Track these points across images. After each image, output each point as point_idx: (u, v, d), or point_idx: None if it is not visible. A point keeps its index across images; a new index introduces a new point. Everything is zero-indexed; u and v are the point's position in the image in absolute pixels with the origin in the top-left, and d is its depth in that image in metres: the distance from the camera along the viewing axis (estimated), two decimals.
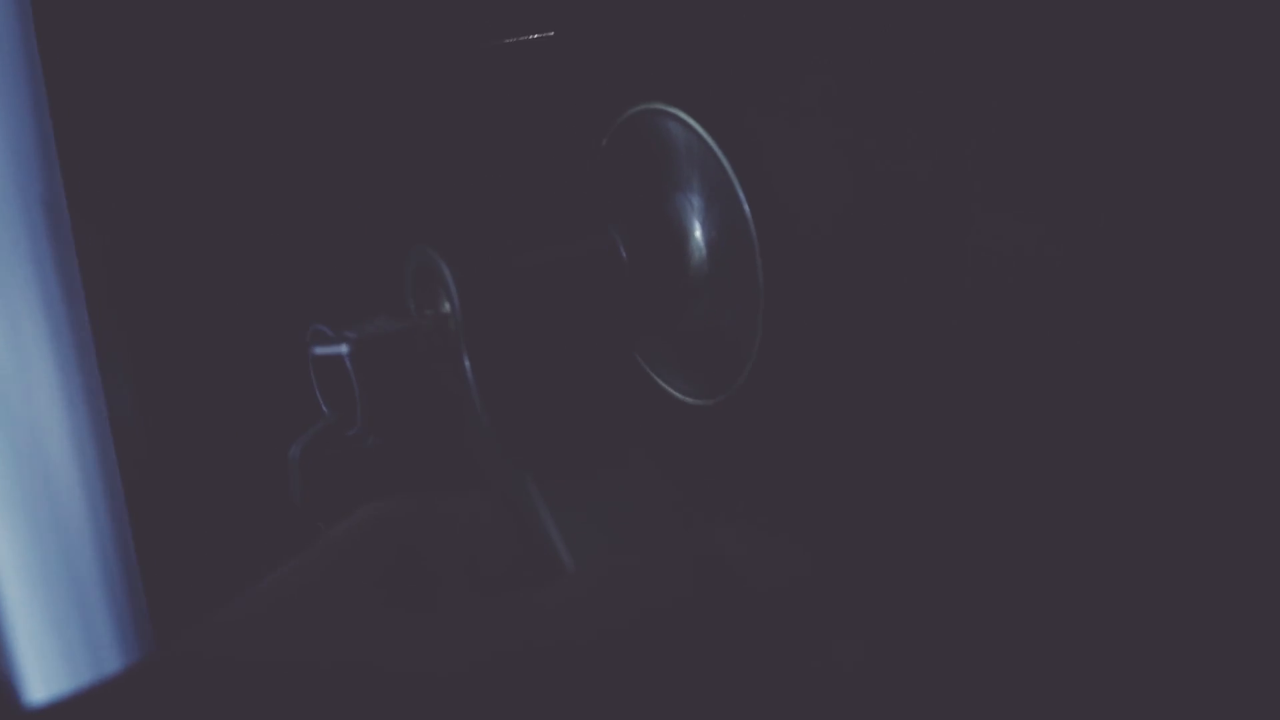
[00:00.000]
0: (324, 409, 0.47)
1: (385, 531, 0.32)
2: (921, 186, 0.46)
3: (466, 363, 0.47)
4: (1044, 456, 0.45)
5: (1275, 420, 0.37)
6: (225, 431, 0.58)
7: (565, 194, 0.66)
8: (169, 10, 0.51)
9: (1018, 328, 0.45)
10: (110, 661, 0.59)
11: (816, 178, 0.51)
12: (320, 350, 0.45)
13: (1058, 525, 0.44)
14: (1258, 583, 0.39)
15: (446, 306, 0.48)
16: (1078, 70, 0.40)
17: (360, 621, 0.28)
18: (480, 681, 0.27)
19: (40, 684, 0.59)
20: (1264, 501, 0.38)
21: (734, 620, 0.29)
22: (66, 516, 0.54)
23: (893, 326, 0.49)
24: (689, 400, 0.58)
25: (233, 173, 0.54)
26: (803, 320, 0.53)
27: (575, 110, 0.63)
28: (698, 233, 0.55)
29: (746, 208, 0.53)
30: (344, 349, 0.44)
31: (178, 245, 0.54)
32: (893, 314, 0.49)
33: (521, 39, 0.56)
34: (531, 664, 0.27)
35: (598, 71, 0.60)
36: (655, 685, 0.28)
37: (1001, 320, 0.45)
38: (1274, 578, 0.38)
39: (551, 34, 0.59)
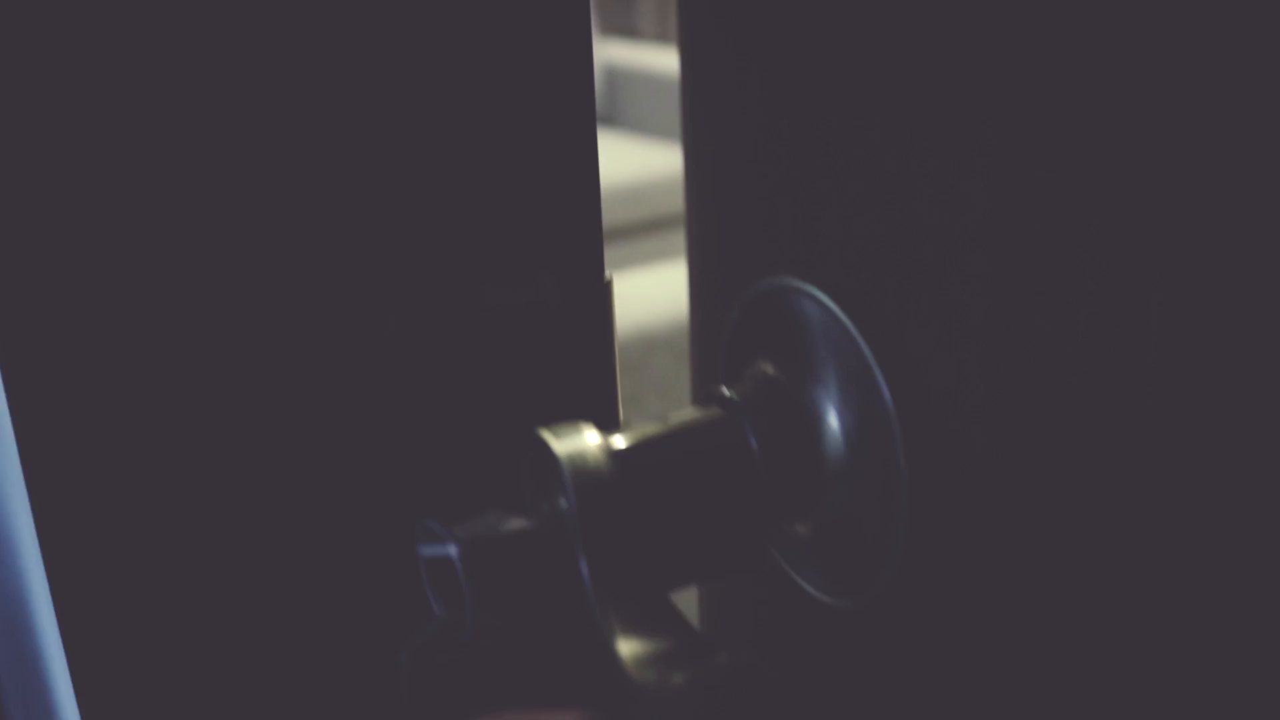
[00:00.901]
0: (435, 610, 0.45)
1: None
2: (1079, 376, 0.43)
3: (584, 565, 0.45)
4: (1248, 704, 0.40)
5: None
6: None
7: (699, 380, 0.63)
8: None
9: (1194, 533, 0.40)
10: None
11: (963, 364, 0.48)
12: (429, 550, 0.43)
13: None
14: None
15: (563, 503, 0.46)
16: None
17: None
18: None
19: None
20: None
21: None
22: None
23: (1046, 525, 0.45)
24: (828, 600, 0.54)
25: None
26: (949, 515, 0.49)
27: (702, 283, 0.61)
28: (833, 420, 0.52)
29: (888, 396, 0.50)
30: (453, 550, 0.42)
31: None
32: (1046, 511, 0.45)
33: None
34: None
35: (727, 242, 0.58)
36: None
37: (1179, 524, 0.41)
38: None
39: None
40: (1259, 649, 0.40)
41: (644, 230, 3.32)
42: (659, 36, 4.05)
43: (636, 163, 3.34)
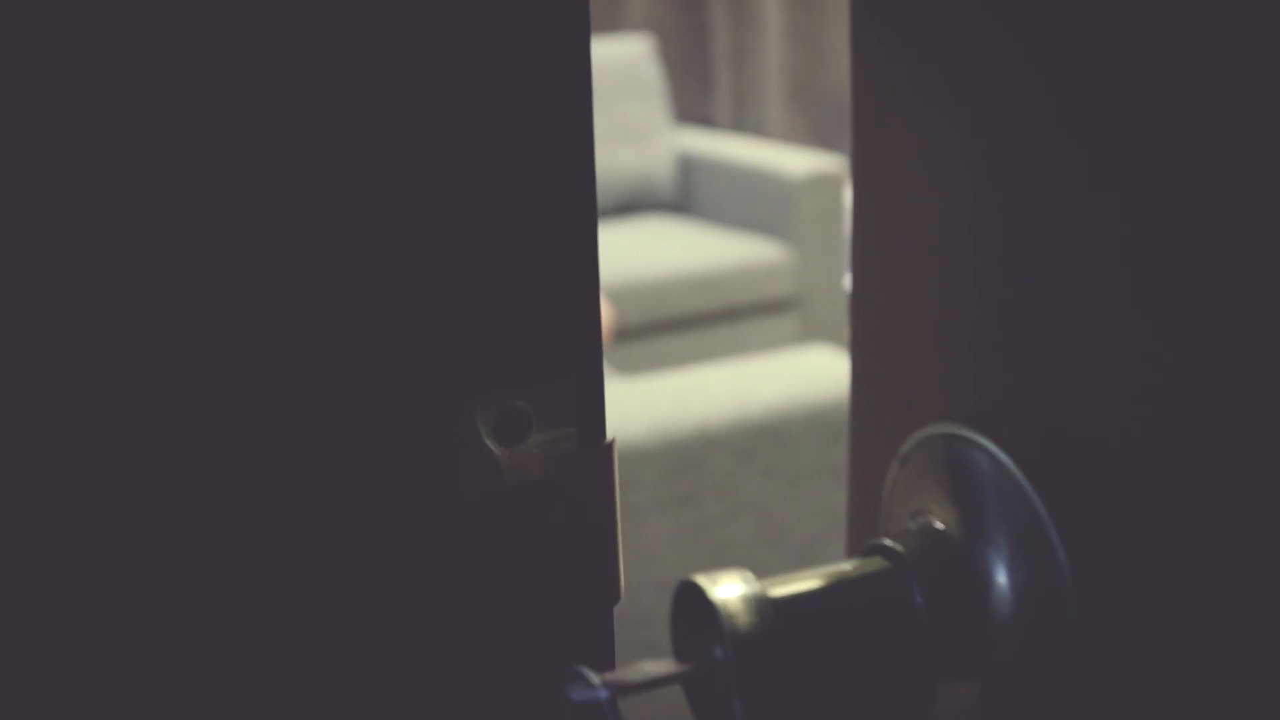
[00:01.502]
0: None
1: None
2: (1265, 539, 0.39)
3: (738, 715, 0.41)
4: None
5: None
6: None
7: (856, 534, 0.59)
8: None
9: None
10: None
11: (1141, 524, 0.44)
12: (579, 696, 0.39)
13: None
14: None
15: (718, 652, 0.42)
16: None
17: None
18: None
19: None
20: None
21: None
22: None
23: (1228, 689, 0.41)
24: None
25: None
26: (1123, 677, 0.45)
27: (864, 424, 0.57)
28: (1003, 576, 0.48)
29: (1063, 555, 0.46)
30: (603, 695, 0.39)
31: None
32: (1228, 677, 0.41)
33: None
34: None
35: (894, 383, 0.55)
36: None
37: None
38: None
39: None
40: None
41: (711, 321, 3.30)
42: (735, 126, 4.06)
43: (707, 251, 3.33)
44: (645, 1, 3.92)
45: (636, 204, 3.70)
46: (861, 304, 0.58)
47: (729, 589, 0.43)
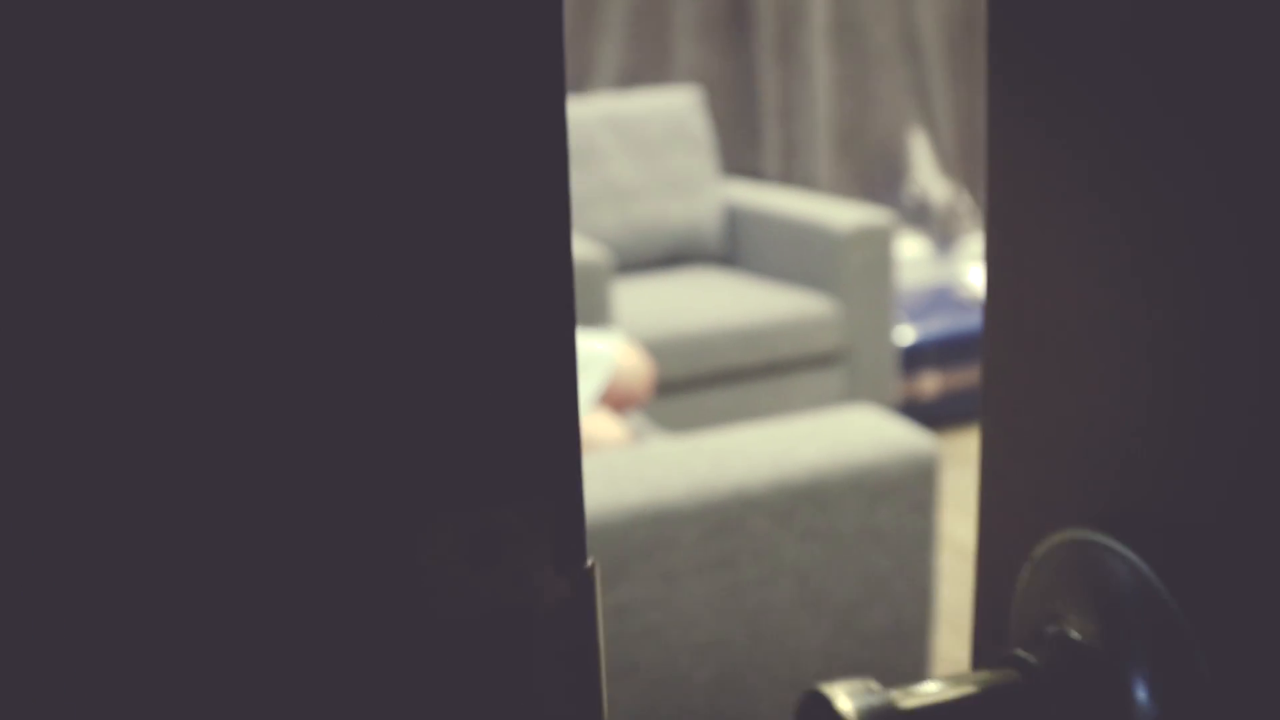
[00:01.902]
0: None
1: None
2: None
3: None
4: None
5: None
6: None
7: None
8: None
9: None
10: None
11: None
12: None
13: None
14: None
15: None
16: None
17: None
18: None
19: None
20: None
21: None
22: None
23: None
24: None
25: None
26: None
27: (993, 527, 0.54)
28: (1142, 692, 0.46)
29: (1207, 673, 0.44)
30: None
31: None
32: None
33: None
34: None
35: (1025, 484, 0.53)
36: None
37: None
38: None
39: None
40: None
41: (755, 375, 3.27)
42: (783, 178, 4.05)
43: (753, 304, 3.31)
44: (693, 53, 3.92)
45: (682, 256, 3.69)
46: (992, 398, 0.56)
47: (857, 699, 0.43)
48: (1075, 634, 0.48)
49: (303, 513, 0.40)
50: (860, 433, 1.83)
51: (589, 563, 0.42)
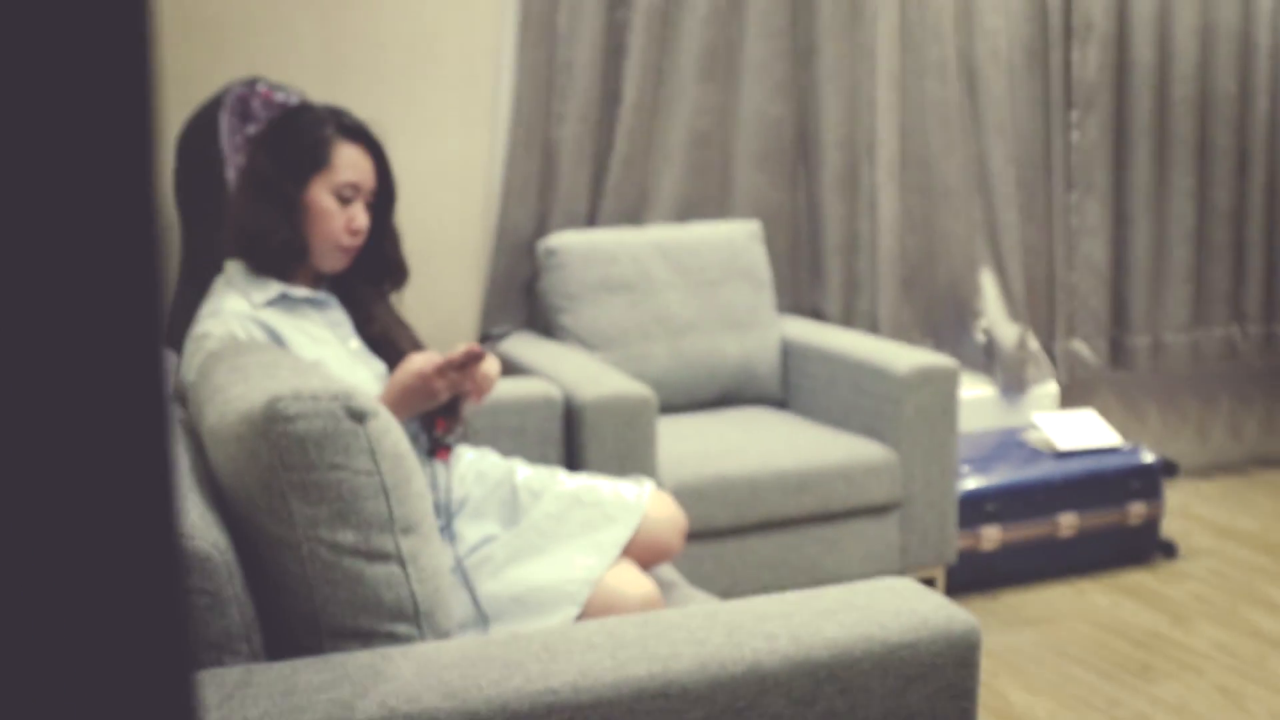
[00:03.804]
0: None
1: None
2: None
3: None
4: None
5: None
6: None
7: None
8: None
9: None
10: None
11: None
12: None
13: None
14: None
15: None
16: None
17: None
18: None
19: None
20: None
21: None
22: None
23: None
24: None
25: None
26: None
27: None
28: None
29: None
30: None
31: None
32: None
33: None
34: None
35: None
36: None
37: None
38: None
39: None
40: None
41: (805, 523, 3.11)
42: (843, 317, 3.92)
43: (806, 449, 3.16)
44: (754, 185, 3.83)
45: (736, 396, 3.56)
46: None
47: None
48: None
49: None
50: (892, 607, 1.67)
51: None
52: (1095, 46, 4.19)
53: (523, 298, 3.63)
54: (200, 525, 1.55)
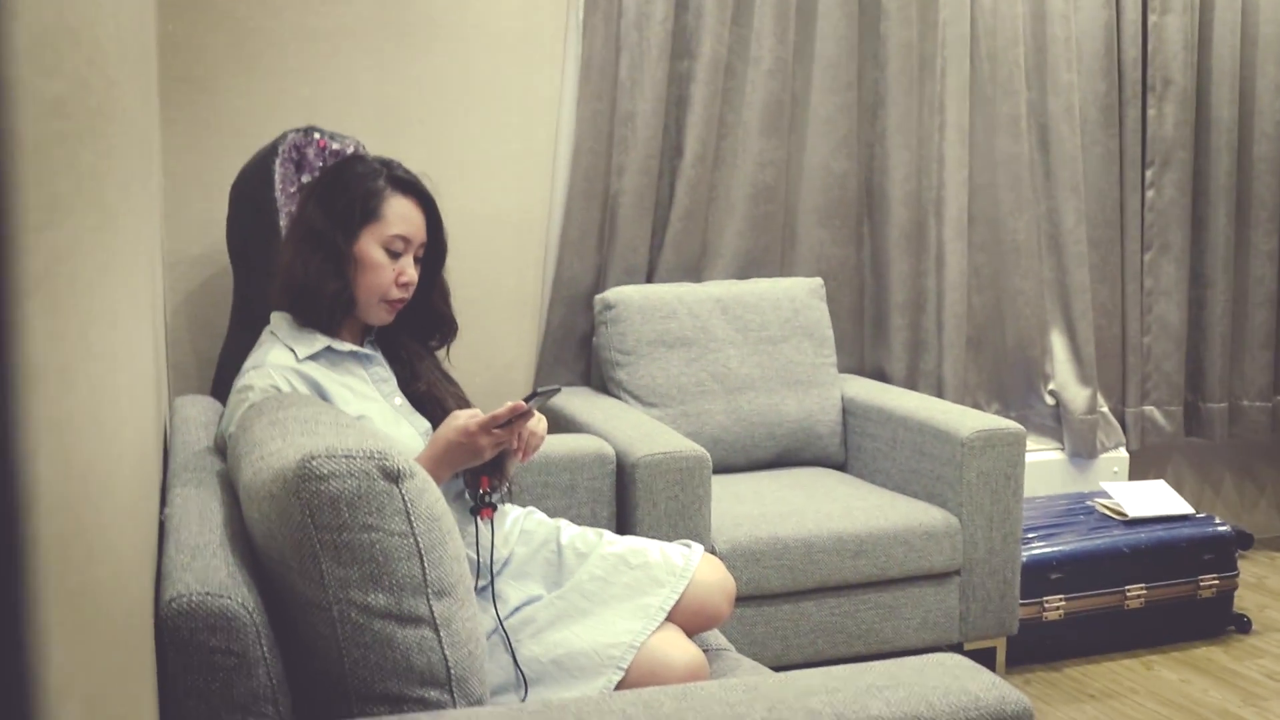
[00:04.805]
0: None
1: None
2: None
3: None
4: None
5: None
6: None
7: None
8: None
9: None
10: None
11: None
12: None
13: None
14: None
15: None
16: None
17: None
18: None
19: None
20: None
21: None
22: None
23: None
24: None
25: None
26: None
27: None
28: None
29: None
30: None
31: None
32: None
33: None
34: None
35: None
36: None
37: None
38: None
39: None
40: None
41: (860, 590, 3.03)
42: (907, 377, 3.84)
43: (864, 513, 3.08)
44: (817, 241, 3.77)
45: (794, 456, 3.49)
46: None
47: None
48: None
49: None
50: (942, 685, 1.60)
51: None
52: (1172, 103, 4.10)
53: (579, 352, 3.60)
54: (229, 584, 1.51)
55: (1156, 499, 3.66)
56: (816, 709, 1.54)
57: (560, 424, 3.22)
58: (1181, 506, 3.63)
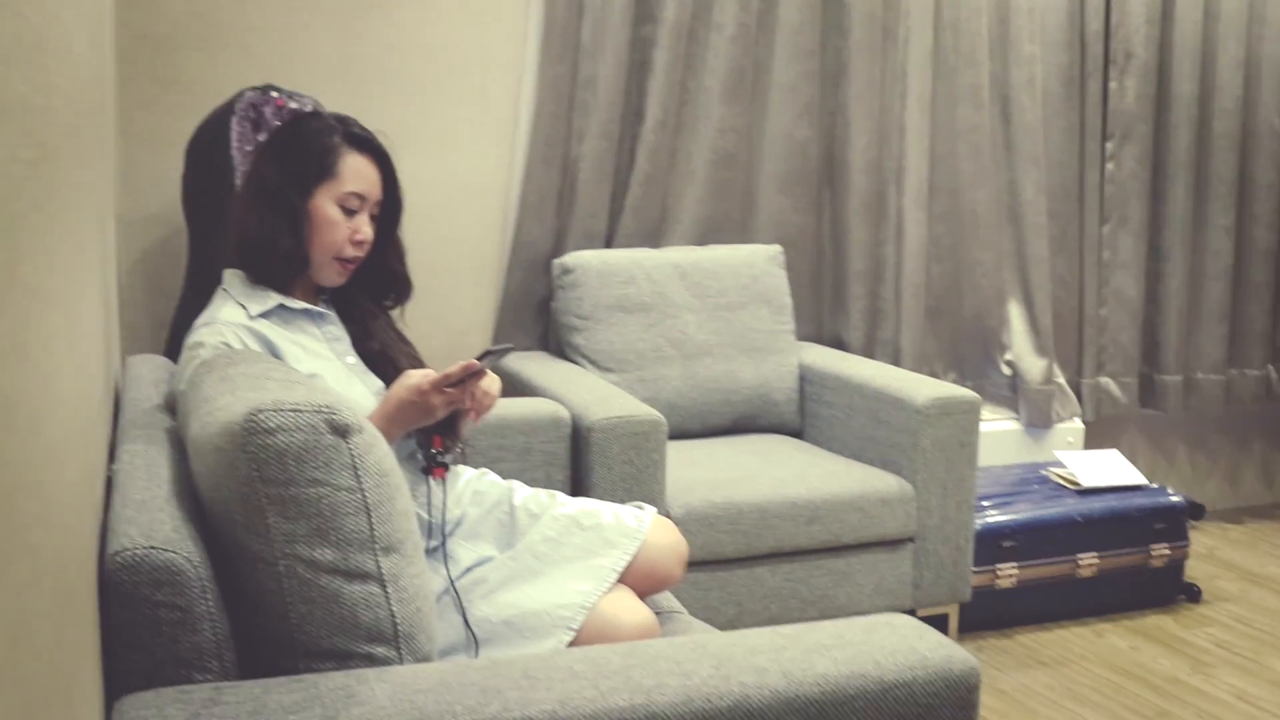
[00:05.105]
0: None
1: None
2: None
3: None
4: None
5: None
6: None
7: None
8: None
9: None
10: None
11: None
12: None
13: None
14: None
15: None
16: None
17: None
18: None
19: None
20: None
21: None
22: None
23: None
24: None
25: None
26: None
27: None
28: None
29: None
30: None
31: None
32: None
33: None
34: None
35: None
36: None
37: None
38: None
39: None
40: None
41: (814, 555, 3.05)
42: (865, 346, 3.85)
43: (820, 480, 3.09)
44: (777, 208, 3.77)
45: (750, 423, 3.49)
46: None
47: None
48: None
49: None
50: (889, 644, 1.61)
51: None
52: (1134, 77, 4.11)
53: (537, 316, 3.59)
54: (174, 538, 1.50)
55: (1110, 469, 3.68)
56: (764, 666, 1.54)
57: (516, 387, 3.21)
58: (1134, 476, 3.66)
